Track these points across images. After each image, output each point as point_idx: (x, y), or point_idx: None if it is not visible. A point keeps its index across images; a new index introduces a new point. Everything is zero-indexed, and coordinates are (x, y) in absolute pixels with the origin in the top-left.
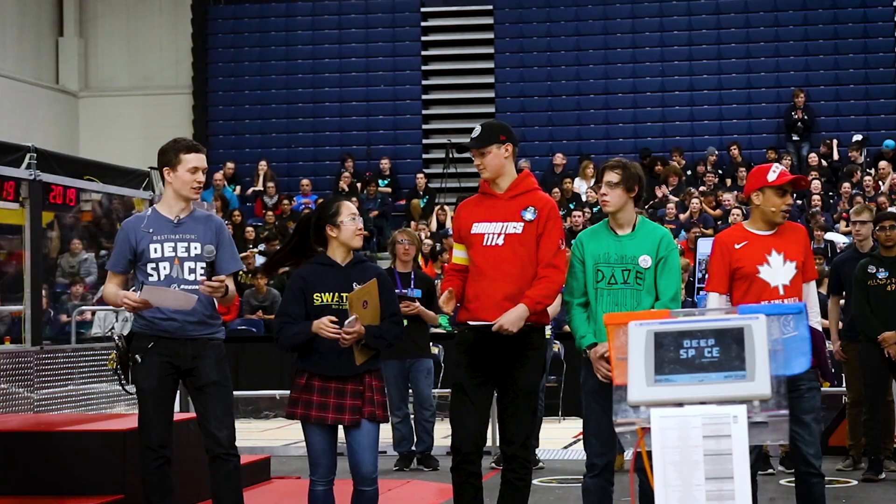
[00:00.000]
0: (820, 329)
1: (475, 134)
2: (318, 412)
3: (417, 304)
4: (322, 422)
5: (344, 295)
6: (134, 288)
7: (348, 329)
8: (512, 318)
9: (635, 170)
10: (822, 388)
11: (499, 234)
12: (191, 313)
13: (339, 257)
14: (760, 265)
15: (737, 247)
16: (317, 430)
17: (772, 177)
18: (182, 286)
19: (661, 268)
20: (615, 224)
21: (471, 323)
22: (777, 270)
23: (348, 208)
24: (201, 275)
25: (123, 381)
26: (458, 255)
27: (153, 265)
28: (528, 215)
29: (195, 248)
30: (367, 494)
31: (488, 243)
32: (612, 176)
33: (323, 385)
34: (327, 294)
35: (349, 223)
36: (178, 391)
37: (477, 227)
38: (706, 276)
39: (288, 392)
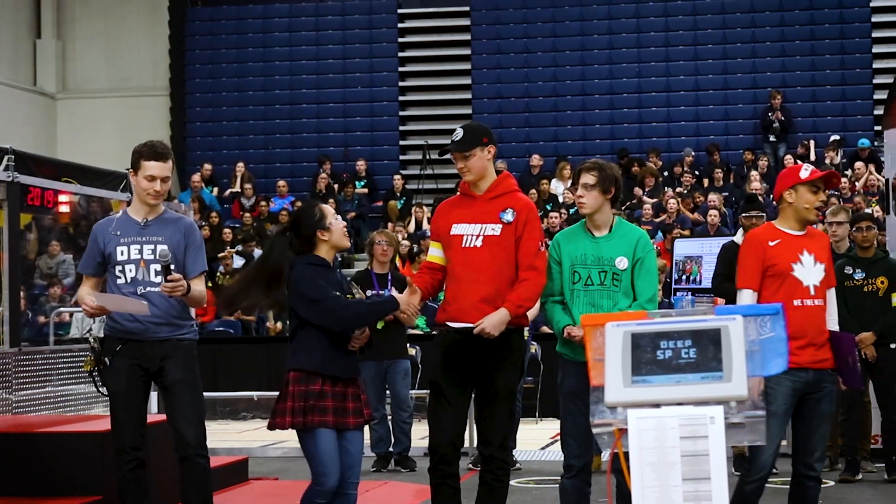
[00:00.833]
0: (837, 331)
1: (458, 137)
2: (338, 417)
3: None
4: (344, 427)
5: (349, 297)
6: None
7: (359, 335)
8: (494, 322)
9: (612, 171)
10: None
11: (477, 236)
12: (156, 315)
13: (328, 259)
14: (794, 263)
15: (771, 244)
16: (329, 435)
17: (804, 174)
18: (148, 288)
19: (638, 269)
20: (592, 225)
21: (450, 324)
22: (809, 270)
23: (330, 210)
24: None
25: (98, 384)
26: (435, 253)
27: (119, 268)
28: (507, 217)
29: (161, 250)
30: (352, 498)
31: (467, 245)
32: (588, 178)
33: (332, 389)
34: None
35: (336, 223)
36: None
37: (456, 228)
38: (682, 276)
39: (266, 393)
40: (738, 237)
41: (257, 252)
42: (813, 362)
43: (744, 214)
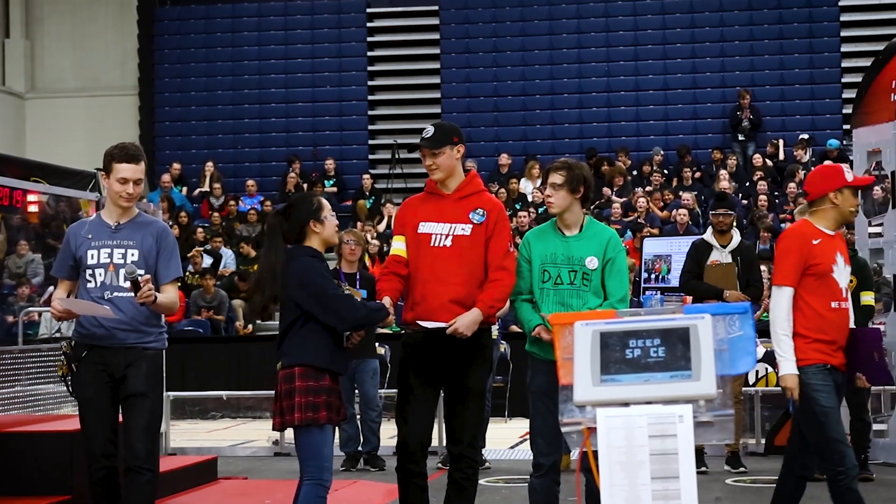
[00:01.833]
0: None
1: (428, 134)
2: (336, 415)
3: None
4: (334, 422)
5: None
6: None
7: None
8: (467, 322)
9: (581, 171)
10: (769, 388)
11: (447, 235)
12: (122, 321)
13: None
14: (833, 265)
15: (814, 242)
16: (331, 432)
17: (850, 177)
18: (116, 293)
19: (608, 269)
20: (562, 224)
21: (421, 323)
22: (841, 272)
23: (327, 204)
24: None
25: (71, 389)
26: (399, 246)
27: (90, 272)
28: (477, 217)
29: (132, 254)
30: None
31: (436, 244)
32: (556, 177)
33: (333, 385)
34: None
35: (331, 219)
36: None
37: (424, 227)
38: (651, 276)
39: (235, 392)
40: (708, 235)
41: (224, 250)
42: (841, 364)
43: (713, 212)
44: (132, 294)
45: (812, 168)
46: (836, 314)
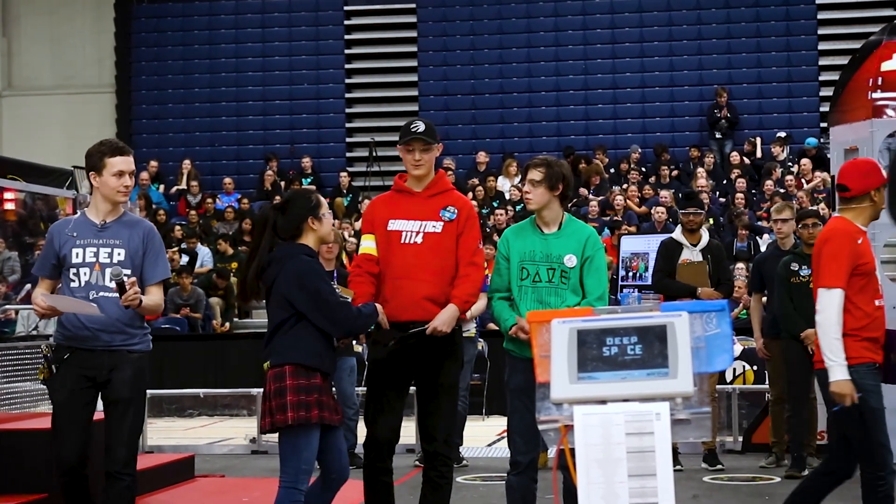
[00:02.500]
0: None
1: (420, 129)
2: (332, 414)
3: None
4: (334, 423)
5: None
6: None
7: None
8: (446, 319)
9: (560, 168)
10: (746, 385)
11: (417, 232)
12: (106, 323)
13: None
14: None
15: (859, 241)
16: (318, 433)
17: (885, 174)
18: (101, 293)
19: (587, 267)
20: (541, 222)
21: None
22: (877, 269)
23: (324, 201)
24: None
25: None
26: (369, 245)
27: (74, 270)
28: (448, 215)
29: (118, 253)
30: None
31: (406, 241)
32: (535, 174)
33: (325, 384)
34: None
35: (329, 216)
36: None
37: (394, 224)
38: (629, 273)
39: (212, 390)
40: (677, 233)
41: (200, 248)
42: (881, 363)
43: (683, 211)
44: (118, 295)
45: (789, 166)
46: (880, 311)
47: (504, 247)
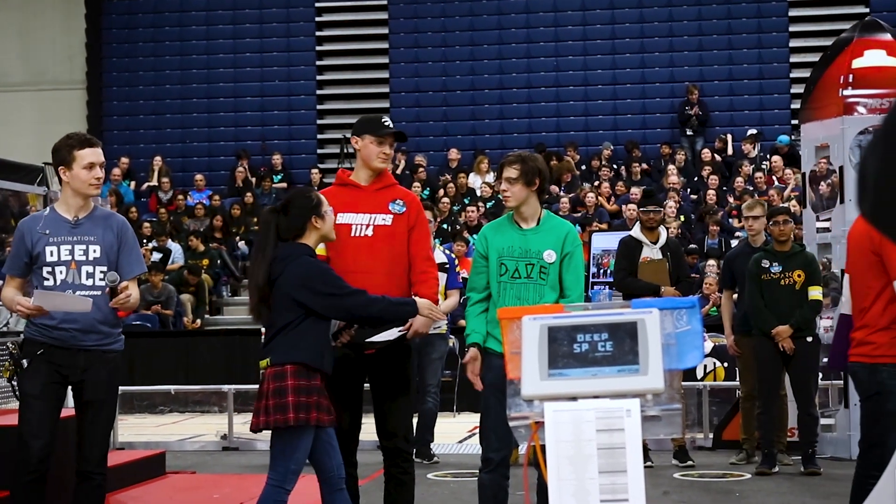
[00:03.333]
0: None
1: (392, 125)
2: (327, 415)
3: None
4: (329, 424)
5: None
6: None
7: (349, 331)
8: (425, 322)
9: (535, 163)
10: (716, 382)
11: (367, 225)
12: (83, 322)
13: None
14: None
15: None
16: (311, 436)
17: None
18: (78, 292)
19: (566, 264)
20: (519, 218)
21: (376, 339)
22: None
23: (324, 198)
24: (100, 279)
25: (17, 392)
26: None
27: (49, 269)
28: (397, 208)
29: (94, 250)
30: (346, 493)
31: (357, 234)
32: (511, 171)
33: (323, 385)
34: None
35: (330, 213)
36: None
37: (342, 218)
38: (599, 270)
39: (183, 387)
40: (635, 231)
41: (171, 244)
42: None
43: (643, 209)
44: (97, 293)
45: (759, 163)
46: None
47: (482, 245)
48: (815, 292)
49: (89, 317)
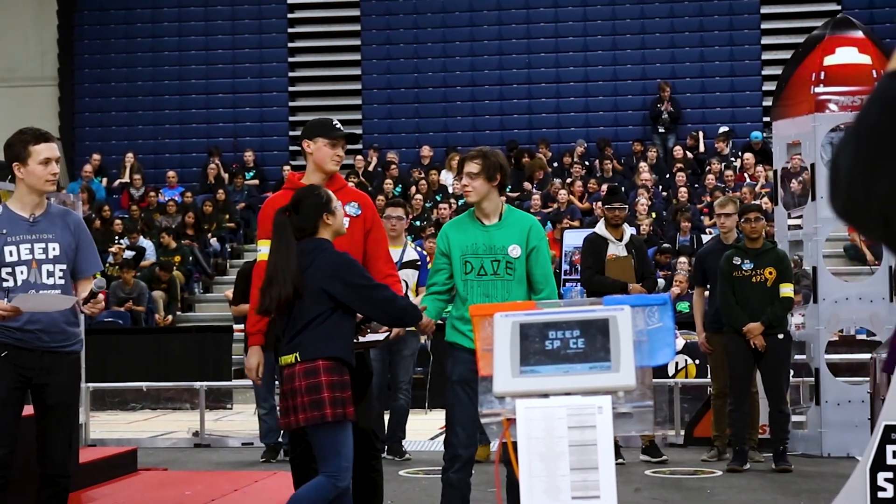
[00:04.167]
0: None
1: (342, 128)
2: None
3: None
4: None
5: None
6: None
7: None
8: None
9: (496, 158)
10: (688, 379)
11: None
12: (46, 322)
13: None
14: None
15: None
16: (351, 429)
17: None
18: (42, 291)
19: (534, 258)
20: (481, 214)
21: (361, 339)
22: None
23: (332, 194)
24: (60, 278)
25: None
26: (266, 251)
27: (8, 270)
28: (353, 210)
29: (53, 248)
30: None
31: None
32: (472, 167)
33: (349, 380)
34: None
35: (340, 208)
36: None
37: None
38: (571, 267)
39: (154, 384)
40: (600, 228)
41: (143, 241)
42: None
43: (608, 206)
44: (56, 293)
45: (731, 160)
46: None
47: (444, 242)
48: (787, 289)
49: (53, 317)
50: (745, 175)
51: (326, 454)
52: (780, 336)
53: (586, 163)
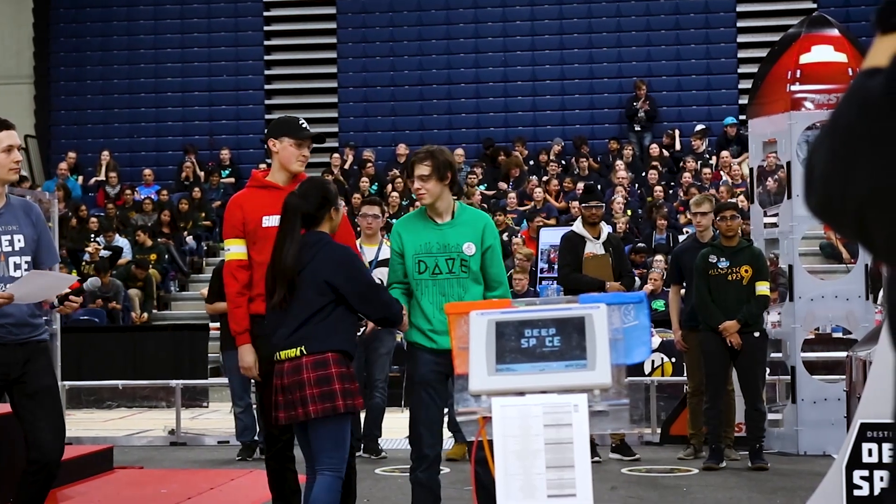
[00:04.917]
0: None
1: (309, 128)
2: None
3: None
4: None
5: None
6: None
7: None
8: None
9: (444, 156)
10: (664, 377)
11: None
12: (17, 316)
13: None
14: None
15: None
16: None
17: None
18: (9, 285)
19: (490, 257)
20: (433, 213)
21: None
22: None
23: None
24: (26, 270)
25: None
26: (239, 249)
27: None
28: None
29: (19, 240)
30: None
31: None
32: (422, 168)
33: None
34: None
35: (342, 206)
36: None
37: (268, 221)
38: (547, 265)
39: (130, 382)
40: (577, 226)
41: (119, 240)
42: None
43: (585, 205)
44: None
45: (706, 158)
46: None
47: (396, 242)
48: (763, 287)
49: (21, 310)
50: (721, 173)
51: (328, 447)
52: (756, 334)
53: (562, 161)
